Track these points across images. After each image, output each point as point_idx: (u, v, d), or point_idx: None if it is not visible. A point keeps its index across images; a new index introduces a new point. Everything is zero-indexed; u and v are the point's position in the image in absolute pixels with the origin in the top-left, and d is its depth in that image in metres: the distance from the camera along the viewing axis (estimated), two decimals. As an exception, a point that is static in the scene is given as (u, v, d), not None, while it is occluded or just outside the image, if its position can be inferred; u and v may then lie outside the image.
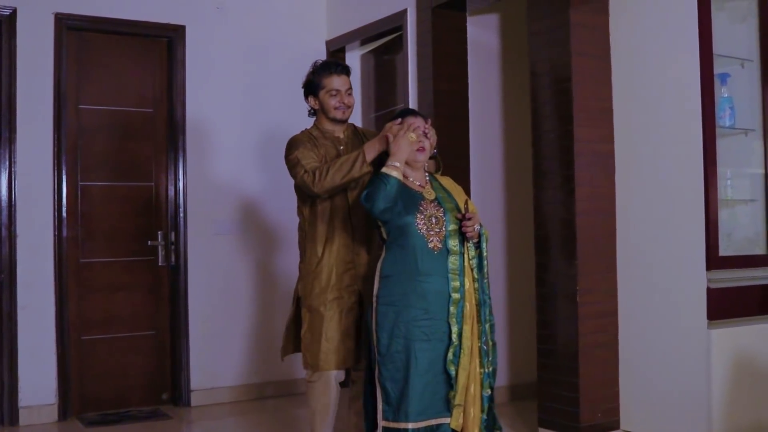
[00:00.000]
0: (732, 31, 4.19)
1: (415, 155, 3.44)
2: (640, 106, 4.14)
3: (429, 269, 3.33)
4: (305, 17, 6.18)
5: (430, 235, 3.35)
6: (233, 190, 5.80)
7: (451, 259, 3.36)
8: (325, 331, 3.62)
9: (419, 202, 3.40)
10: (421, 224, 3.36)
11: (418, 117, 3.51)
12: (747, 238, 4.21)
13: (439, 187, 3.54)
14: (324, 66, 3.84)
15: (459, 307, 3.35)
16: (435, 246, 3.35)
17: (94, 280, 5.41)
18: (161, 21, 5.59)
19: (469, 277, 3.41)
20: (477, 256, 3.44)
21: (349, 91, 3.80)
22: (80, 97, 5.39)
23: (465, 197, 3.55)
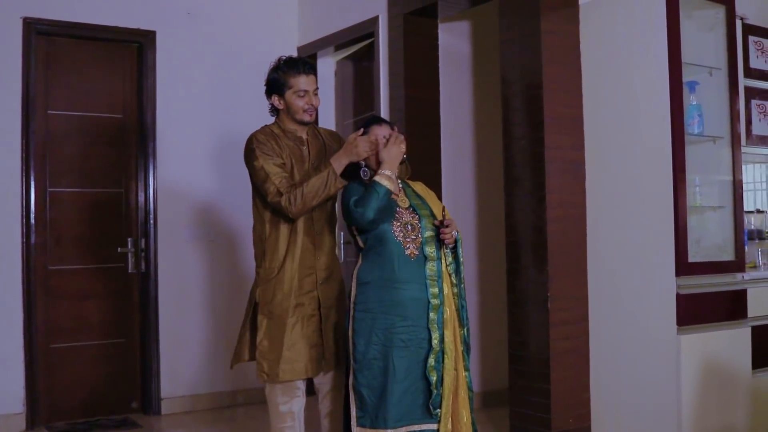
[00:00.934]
0: (700, 39, 4.23)
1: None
2: (610, 113, 4.17)
3: (406, 276, 3.33)
4: (276, 23, 6.17)
5: (407, 242, 3.35)
6: (203, 196, 5.77)
7: (429, 266, 3.36)
8: (287, 340, 3.46)
9: (395, 209, 3.40)
10: (397, 231, 3.36)
11: (383, 125, 3.48)
12: (716, 245, 4.25)
13: (413, 194, 3.53)
14: (291, 64, 3.60)
15: (439, 313, 3.34)
16: (412, 253, 3.35)
17: (63, 287, 5.35)
18: (132, 26, 5.55)
19: (447, 282, 3.42)
20: (454, 261, 3.46)
21: (316, 91, 3.63)
22: (49, 103, 5.34)
23: (440, 204, 3.56)
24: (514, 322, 4.27)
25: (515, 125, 4.26)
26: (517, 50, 4.24)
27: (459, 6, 5.05)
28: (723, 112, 4.23)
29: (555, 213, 4.09)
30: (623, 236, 4.10)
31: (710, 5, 4.21)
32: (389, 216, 3.37)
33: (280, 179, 3.44)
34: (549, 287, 4.05)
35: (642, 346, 4.00)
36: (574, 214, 4.19)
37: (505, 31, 4.31)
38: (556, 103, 4.13)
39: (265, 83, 3.67)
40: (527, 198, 4.17)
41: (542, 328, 4.08)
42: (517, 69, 4.25)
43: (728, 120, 4.22)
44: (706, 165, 4.24)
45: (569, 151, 4.19)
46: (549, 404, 4.04)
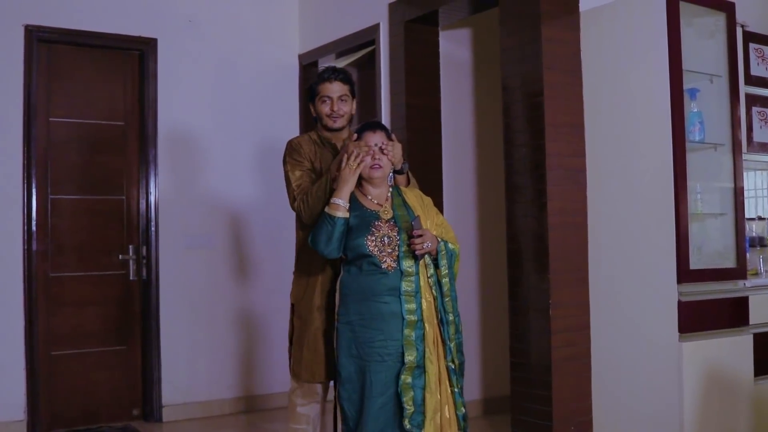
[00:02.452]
0: (701, 46, 4.24)
1: (371, 173, 3.39)
2: (610, 120, 4.18)
3: (383, 290, 3.29)
4: (277, 31, 6.18)
5: (383, 256, 3.30)
6: (205, 203, 5.77)
7: (405, 281, 3.30)
8: (309, 341, 3.58)
9: (372, 222, 3.36)
10: (372, 245, 3.31)
11: (377, 132, 3.43)
12: (717, 252, 4.25)
13: (400, 204, 3.46)
14: (320, 72, 3.77)
15: (417, 330, 3.28)
16: (389, 266, 3.30)
17: (64, 294, 5.35)
18: (133, 34, 5.56)
19: (428, 297, 3.35)
20: (434, 274, 3.37)
21: (343, 97, 3.69)
22: (51, 110, 5.35)
23: (434, 214, 3.50)
24: (515, 329, 4.26)
25: (516, 133, 4.26)
26: (518, 58, 4.24)
27: (460, 14, 5.06)
28: (724, 119, 4.24)
29: (556, 220, 4.09)
30: (624, 243, 4.10)
31: (711, 12, 4.22)
32: (364, 230, 3.33)
33: (298, 185, 3.57)
34: (550, 294, 4.05)
35: (643, 353, 4.00)
36: (576, 221, 4.19)
37: (506, 39, 4.32)
38: (557, 110, 4.13)
39: (306, 93, 3.90)
40: (528, 205, 4.17)
41: (544, 336, 4.08)
42: (518, 76, 4.25)
43: (729, 127, 4.22)
44: (707, 172, 4.24)
45: (570, 159, 4.19)
46: (550, 412, 4.04)
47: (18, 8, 5.18)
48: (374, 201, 3.43)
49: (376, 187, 3.45)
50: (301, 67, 6.17)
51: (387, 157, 3.41)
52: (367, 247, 3.30)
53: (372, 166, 3.38)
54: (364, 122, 3.61)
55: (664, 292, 3.90)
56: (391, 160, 3.43)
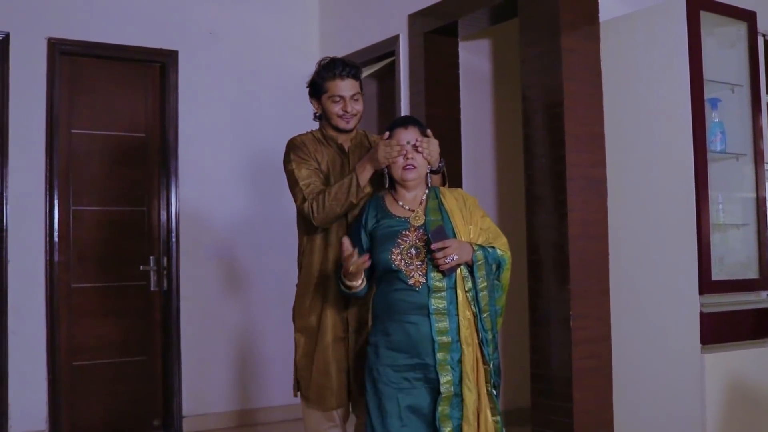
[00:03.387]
0: (721, 56, 4.22)
1: (403, 174, 3.05)
2: (631, 131, 4.16)
3: (410, 308, 2.94)
4: (297, 43, 6.20)
5: (410, 270, 2.94)
6: (225, 214, 5.80)
7: (435, 298, 2.93)
8: (319, 361, 3.25)
9: (399, 232, 3.00)
10: (397, 259, 2.96)
11: (409, 128, 3.09)
12: (739, 263, 4.22)
13: (435, 209, 3.07)
14: (328, 67, 3.36)
15: (452, 352, 2.92)
16: (417, 282, 2.94)
17: (86, 305, 5.38)
18: (154, 46, 5.61)
19: (467, 314, 2.97)
20: (473, 287, 2.98)
21: (355, 96, 3.35)
22: (73, 122, 5.40)
23: (478, 219, 3.12)
24: (536, 340, 4.25)
25: (536, 143, 4.25)
26: (537, 68, 4.24)
27: (479, 24, 5.06)
28: (745, 129, 4.21)
29: (577, 231, 4.08)
30: (645, 254, 4.08)
31: (732, 22, 4.20)
32: (390, 241, 2.99)
33: (308, 184, 3.24)
34: (571, 306, 4.03)
35: (665, 365, 3.96)
36: (596, 231, 4.18)
37: (525, 49, 4.32)
38: (577, 120, 4.12)
39: (307, 86, 3.45)
40: (549, 216, 4.16)
41: (564, 347, 4.06)
42: (537, 87, 4.24)
43: (751, 137, 4.19)
44: (728, 182, 4.21)
45: (590, 169, 4.17)
46: (572, 424, 4.01)
47: (41, 21, 5.24)
48: (406, 207, 3.08)
49: (410, 190, 3.10)
50: (320, 78, 6.19)
51: (422, 156, 3.06)
52: (393, 262, 2.95)
53: (405, 166, 3.04)
54: (396, 118, 3.35)
55: (685, 304, 3.87)
56: (426, 159, 3.07)
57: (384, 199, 3.14)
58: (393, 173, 3.08)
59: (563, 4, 4.09)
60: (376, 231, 3.07)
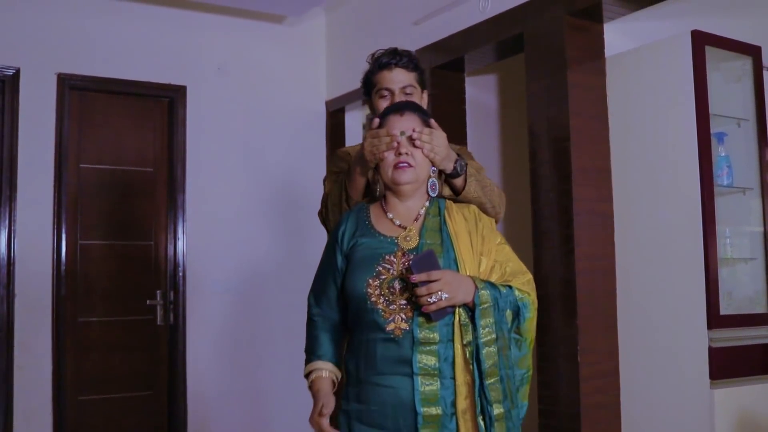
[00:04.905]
0: (727, 90, 4.24)
1: (395, 176, 2.30)
2: (638, 165, 4.17)
3: (389, 364, 2.18)
4: (305, 78, 6.24)
5: (390, 312, 2.17)
6: (233, 249, 5.80)
7: (421, 353, 2.15)
8: None
9: (382, 257, 2.24)
10: (374, 293, 2.20)
11: (406, 115, 2.37)
12: (747, 297, 4.20)
13: (435, 229, 2.30)
14: (377, 57, 2.82)
15: (443, 430, 2.15)
16: (396, 329, 2.17)
17: (92, 339, 5.37)
18: (163, 81, 5.65)
19: (465, 378, 2.18)
20: (474, 339, 2.17)
21: (407, 89, 2.78)
22: (81, 156, 5.43)
23: (472, 243, 2.34)
24: (543, 376, 4.22)
25: (543, 178, 4.26)
26: (544, 103, 4.26)
27: (486, 59, 5.09)
28: (752, 163, 4.22)
29: (584, 265, 4.07)
30: (653, 289, 4.07)
31: (737, 56, 4.22)
32: (368, 267, 2.24)
33: (327, 193, 2.80)
34: (579, 341, 4.02)
35: (674, 400, 3.94)
36: (604, 266, 4.17)
37: (531, 84, 4.34)
38: (583, 155, 4.13)
39: (361, 86, 2.96)
40: (556, 251, 4.15)
41: (572, 383, 4.03)
42: (544, 121, 4.26)
43: (757, 171, 4.20)
44: (736, 216, 4.21)
45: (597, 204, 4.18)
46: (580, 460, 3.98)
47: (51, 57, 5.28)
48: (396, 222, 2.33)
49: (404, 198, 2.35)
50: (328, 113, 6.23)
51: (421, 152, 2.32)
52: (368, 297, 2.19)
53: (397, 164, 2.29)
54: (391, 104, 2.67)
55: (694, 338, 3.85)
56: (428, 156, 2.33)
57: (369, 210, 2.40)
58: (383, 175, 2.34)
59: (569, 39, 4.11)
60: (353, 252, 2.31)
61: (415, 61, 2.83)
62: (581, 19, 4.13)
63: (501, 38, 4.60)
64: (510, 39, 4.56)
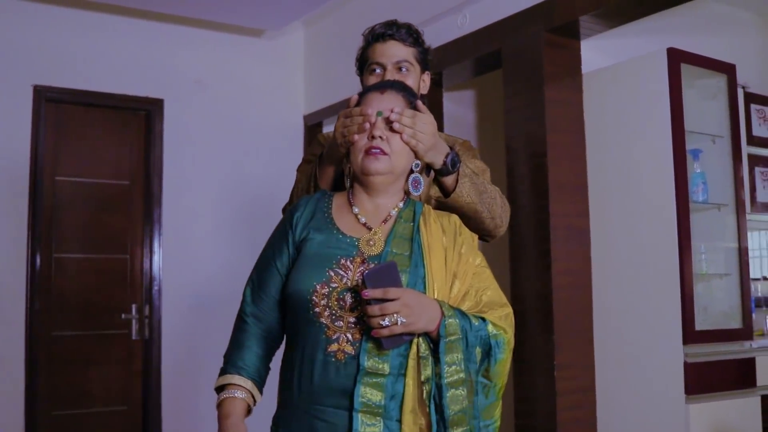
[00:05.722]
0: (703, 107, 4.27)
1: (364, 163, 1.93)
2: (614, 181, 4.19)
3: (325, 395, 1.82)
4: (283, 92, 6.24)
5: (336, 329, 1.81)
6: (209, 263, 5.77)
7: (366, 385, 1.77)
8: None
9: (337, 259, 1.86)
10: (320, 302, 1.82)
11: (387, 93, 2.00)
12: (723, 312, 4.23)
13: (405, 237, 1.91)
14: (371, 30, 2.49)
15: None
16: (339, 351, 1.80)
17: (66, 353, 5.32)
18: (140, 94, 5.62)
19: (417, 421, 1.79)
20: (433, 376, 1.79)
21: (402, 64, 2.39)
22: (57, 169, 5.39)
23: (462, 260, 1.96)
24: (520, 391, 4.22)
25: (520, 193, 4.27)
26: (521, 119, 4.28)
27: (464, 75, 5.11)
28: (727, 179, 4.26)
29: (561, 281, 4.08)
30: (629, 304, 4.08)
31: (712, 74, 4.27)
32: (317, 268, 1.86)
33: (294, 187, 2.51)
34: (555, 355, 4.02)
35: (650, 415, 3.95)
36: (580, 281, 4.18)
37: (509, 100, 4.36)
38: (560, 170, 4.15)
39: (356, 66, 2.63)
40: (533, 266, 4.16)
41: (549, 397, 4.03)
42: (521, 137, 4.28)
43: (732, 187, 4.24)
44: (711, 232, 4.24)
45: (574, 219, 4.19)
46: (557, 475, 3.98)
47: (27, 68, 5.25)
48: (361, 219, 1.96)
49: (373, 193, 1.97)
50: (305, 127, 6.22)
51: (400, 138, 1.94)
52: (312, 305, 1.82)
53: (368, 149, 1.92)
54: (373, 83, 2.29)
55: (670, 354, 3.87)
56: (408, 144, 1.95)
57: (332, 200, 2.03)
58: (352, 162, 1.97)
59: (546, 55, 4.14)
60: (303, 246, 1.94)
61: (416, 35, 2.44)
62: (559, 36, 4.15)
63: (479, 54, 4.62)
64: (488, 55, 4.58)
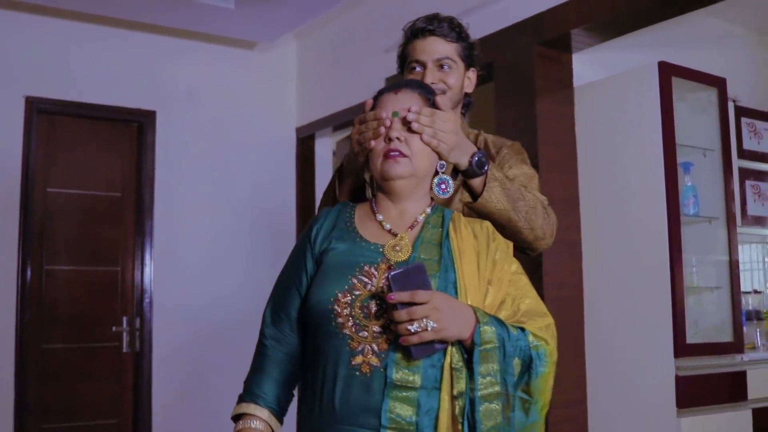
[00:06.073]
0: (694, 121, 4.29)
1: (384, 168, 1.80)
2: (605, 194, 4.20)
3: (349, 414, 1.65)
4: (275, 104, 6.24)
5: (359, 340, 1.66)
6: (201, 276, 5.75)
7: (395, 400, 1.62)
8: None
9: (360, 266, 1.73)
10: (343, 311, 1.68)
11: (402, 93, 1.87)
12: (713, 326, 4.23)
13: (434, 242, 1.77)
14: (410, 26, 2.32)
15: None
16: (364, 363, 1.65)
17: (56, 366, 5.28)
18: (132, 106, 5.61)
19: None
20: (467, 391, 1.64)
21: (444, 62, 2.26)
22: (48, 180, 5.37)
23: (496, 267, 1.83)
24: (512, 403, 4.21)
25: (512, 205, 4.27)
26: (513, 131, 4.28)
27: (455, 88, 5.12)
28: (718, 192, 4.26)
29: (552, 294, 4.08)
30: (621, 317, 4.08)
31: (703, 88, 4.28)
32: (339, 277, 1.73)
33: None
34: (547, 368, 4.01)
35: (642, 428, 3.94)
36: (572, 295, 4.18)
37: (501, 114, 4.36)
38: (552, 184, 4.15)
39: (397, 63, 2.45)
40: (524, 278, 4.16)
41: (540, 410, 4.02)
42: (513, 150, 4.28)
43: (723, 200, 4.24)
44: (702, 245, 4.25)
45: (566, 232, 4.19)
46: (548, 489, 3.97)
47: (19, 80, 5.24)
48: (387, 225, 1.82)
49: (398, 199, 1.83)
50: (298, 140, 6.22)
51: (421, 138, 1.82)
52: (334, 316, 1.68)
53: (387, 153, 1.79)
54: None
55: (661, 367, 3.87)
56: (429, 144, 1.82)
57: (354, 210, 1.90)
58: (372, 170, 1.84)
59: (538, 69, 4.15)
60: (324, 258, 1.80)
61: (459, 29, 2.27)
62: (550, 49, 4.17)
63: (471, 67, 4.62)
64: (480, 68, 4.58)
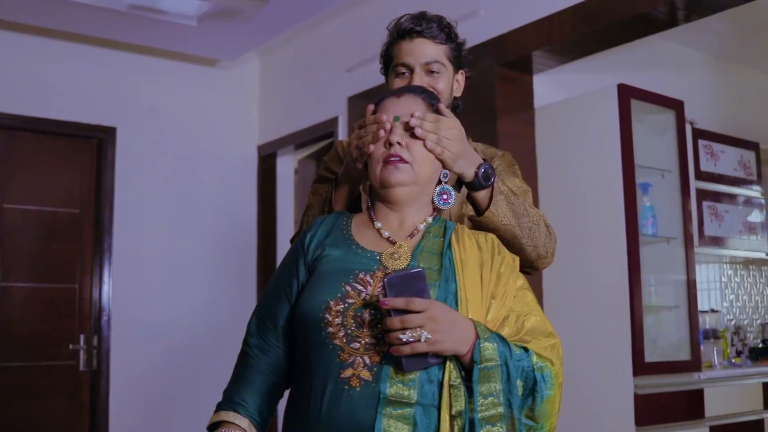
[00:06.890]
0: (652, 142, 4.35)
1: (383, 174, 1.72)
2: (565, 214, 4.23)
3: (336, 429, 1.54)
4: (237, 122, 6.22)
5: (350, 352, 1.56)
6: (161, 294, 5.69)
7: (390, 417, 1.51)
8: None
9: (355, 274, 1.64)
10: (334, 320, 1.58)
11: (404, 98, 1.80)
12: (672, 344, 4.28)
13: (434, 252, 1.69)
14: (396, 25, 2.16)
15: None
16: (354, 377, 1.54)
17: (11, 385, 5.19)
18: (92, 122, 5.56)
19: None
20: (467, 411, 1.53)
21: (433, 66, 2.10)
22: (6, 196, 5.29)
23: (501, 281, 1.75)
24: (472, 422, 4.22)
25: (473, 224, 4.29)
26: (474, 151, 4.31)
27: (418, 107, 5.14)
28: (676, 213, 4.32)
29: (513, 312, 4.09)
30: (580, 336, 4.11)
31: (661, 110, 4.35)
32: (332, 284, 1.63)
33: (309, 205, 2.14)
34: (508, 387, 4.02)
35: (601, 447, 3.97)
36: (532, 313, 4.19)
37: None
38: (513, 203, 4.18)
39: (380, 64, 2.27)
40: (485, 297, 4.17)
41: (501, 429, 4.03)
42: (474, 169, 4.30)
43: (681, 221, 4.30)
44: (660, 265, 4.30)
45: (526, 251, 4.21)
46: (508, 507, 3.96)
47: (-24, 95, 5.18)
48: (385, 233, 1.74)
49: (398, 207, 1.76)
50: (259, 158, 6.20)
51: (424, 144, 1.74)
52: (324, 325, 1.58)
53: (387, 158, 1.71)
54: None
55: (620, 385, 3.90)
56: (432, 151, 1.74)
57: (351, 219, 1.82)
58: (371, 176, 1.76)
59: (499, 89, 4.18)
60: (318, 263, 1.72)
61: (448, 29, 2.13)
62: (511, 71, 4.21)
63: (433, 87, 4.65)
64: (442, 88, 4.61)
